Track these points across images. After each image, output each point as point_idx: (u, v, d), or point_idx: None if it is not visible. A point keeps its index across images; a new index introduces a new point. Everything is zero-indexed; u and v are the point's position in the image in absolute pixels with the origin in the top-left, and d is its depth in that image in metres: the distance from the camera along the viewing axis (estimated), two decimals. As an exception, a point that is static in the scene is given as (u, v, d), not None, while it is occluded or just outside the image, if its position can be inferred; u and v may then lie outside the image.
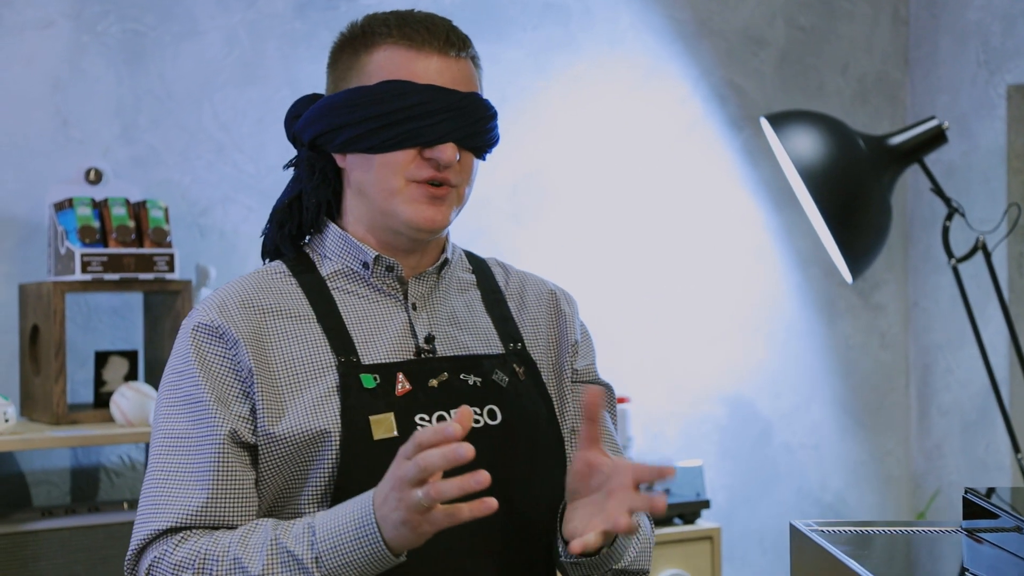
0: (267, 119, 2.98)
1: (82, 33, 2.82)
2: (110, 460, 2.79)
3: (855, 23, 3.73)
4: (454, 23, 1.56)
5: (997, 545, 1.51)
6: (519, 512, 1.50)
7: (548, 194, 3.32)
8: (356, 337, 1.51)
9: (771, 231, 3.60)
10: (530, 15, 3.31)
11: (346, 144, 1.51)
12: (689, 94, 3.49)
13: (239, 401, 1.46)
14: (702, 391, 3.50)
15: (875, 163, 2.95)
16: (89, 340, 2.76)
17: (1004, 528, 1.51)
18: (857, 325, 3.73)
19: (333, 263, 1.55)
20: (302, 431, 1.45)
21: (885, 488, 3.74)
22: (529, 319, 1.62)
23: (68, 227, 2.52)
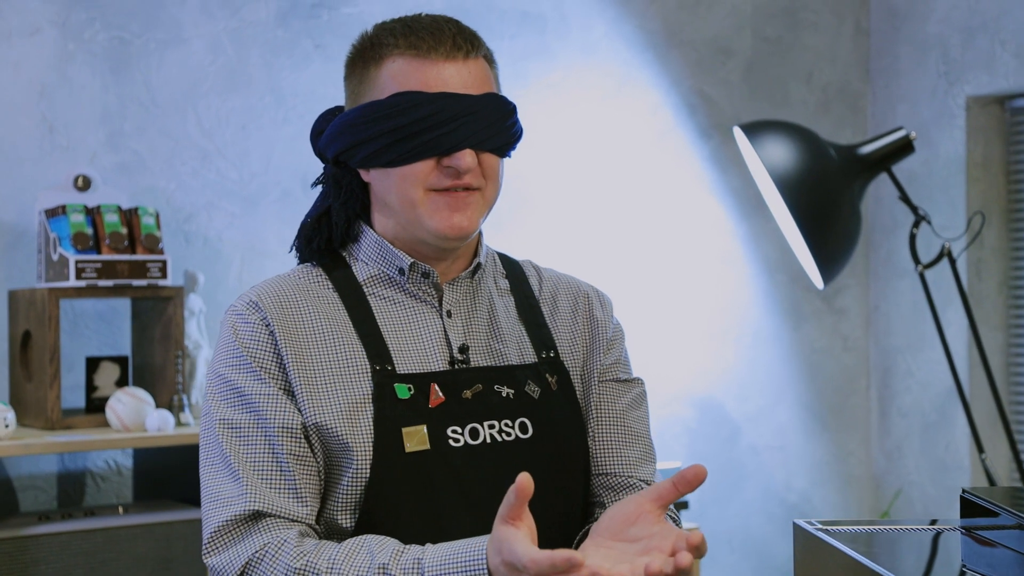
0: (250, 126, 3.00)
1: (68, 40, 2.83)
2: (97, 465, 2.80)
3: (819, 34, 3.82)
4: (461, 23, 1.55)
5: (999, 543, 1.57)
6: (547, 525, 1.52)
7: (524, 200, 3.37)
8: (391, 345, 1.52)
9: (739, 238, 3.68)
10: (507, 24, 3.36)
11: (366, 160, 1.52)
12: (660, 103, 3.56)
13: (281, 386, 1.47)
14: (672, 394, 3.57)
15: (846, 172, 3.04)
16: (77, 346, 2.77)
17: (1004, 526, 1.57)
18: (821, 329, 3.82)
19: (369, 268, 1.56)
20: (336, 434, 1.47)
21: (847, 488, 3.84)
22: (562, 324, 1.63)
23: (61, 234, 2.53)
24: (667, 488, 1.36)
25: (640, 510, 1.37)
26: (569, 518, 1.57)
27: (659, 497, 1.36)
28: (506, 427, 1.53)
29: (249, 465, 1.45)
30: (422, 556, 1.38)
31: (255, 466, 1.46)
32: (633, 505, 1.38)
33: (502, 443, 1.52)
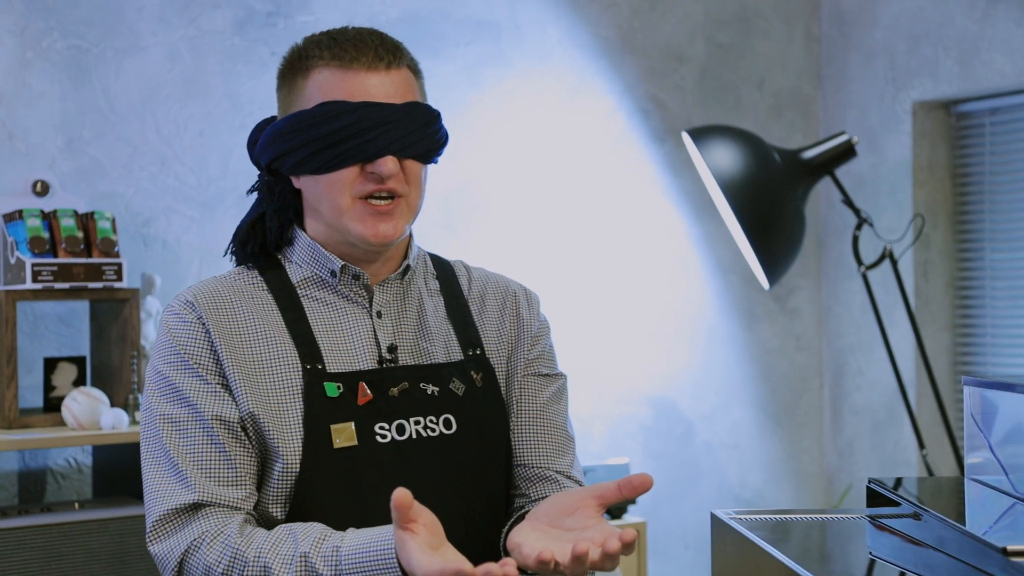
0: (208, 132, 3.07)
1: (27, 49, 2.90)
2: (57, 463, 2.87)
3: (770, 41, 3.90)
4: (387, 35, 1.60)
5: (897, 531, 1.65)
6: (470, 517, 1.58)
7: (480, 204, 3.45)
8: (323, 345, 1.58)
9: (693, 240, 3.76)
10: (462, 31, 3.44)
11: (295, 167, 1.58)
12: (614, 108, 3.64)
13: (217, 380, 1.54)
14: (627, 393, 3.65)
15: (789, 176, 3.12)
16: (36, 347, 2.84)
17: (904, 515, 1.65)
18: (774, 329, 3.91)
19: (302, 270, 1.62)
20: (267, 428, 1.53)
21: (800, 484, 3.92)
22: (490, 323, 1.70)
23: (18, 238, 2.60)
24: (611, 489, 1.43)
25: (580, 503, 1.44)
26: (492, 509, 1.64)
27: (600, 496, 1.44)
28: (431, 423, 1.59)
29: (188, 457, 1.52)
30: (340, 544, 1.44)
31: (194, 457, 1.52)
32: (575, 498, 1.45)
33: (427, 439, 1.59)
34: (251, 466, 1.54)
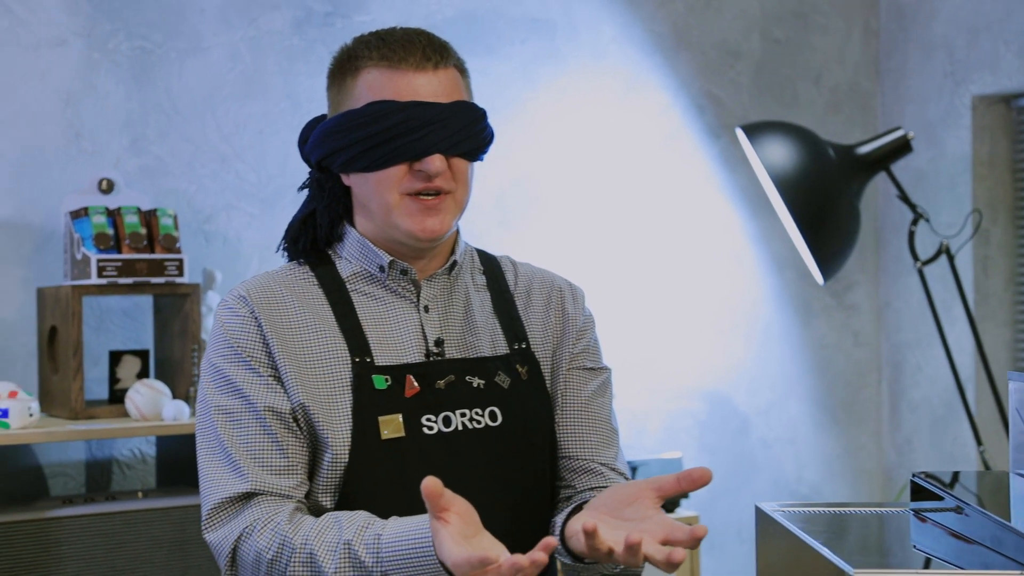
0: (267, 131, 3.14)
1: (93, 50, 2.98)
2: (122, 453, 2.95)
3: (828, 36, 3.89)
4: (434, 35, 1.64)
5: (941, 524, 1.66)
6: (515, 507, 1.62)
7: (534, 200, 3.48)
8: (371, 338, 1.62)
9: (749, 235, 3.76)
10: (518, 30, 3.47)
11: (345, 165, 1.62)
12: (669, 104, 3.65)
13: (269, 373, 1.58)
14: (682, 388, 3.66)
15: (844, 171, 3.12)
16: (102, 340, 2.92)
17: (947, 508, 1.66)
18: (831, 325, 3.90)
19: (352, 265, 1.67)
20: (317, 419, 1.58)
21: (858, 480, 3.92)
22: (535, 317, 1.72)
23: (84, 234, 2.68)
24: (670, 482, 1.46)
25: (639, 495, 1.47)
26: (537, 500, 1.67)
27: (659, 488, 1.46)
28: (477, 415, 1.63)
29: (241, 447, 1.57)
30: (382, 532, 1.48)
31: (247, 447, 1.57)
32: (633, 489, 1.48)
33: (473, 430, 1.63)
34: (302, 455, 1.59)
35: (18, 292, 2.87)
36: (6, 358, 2.85)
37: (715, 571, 3.68)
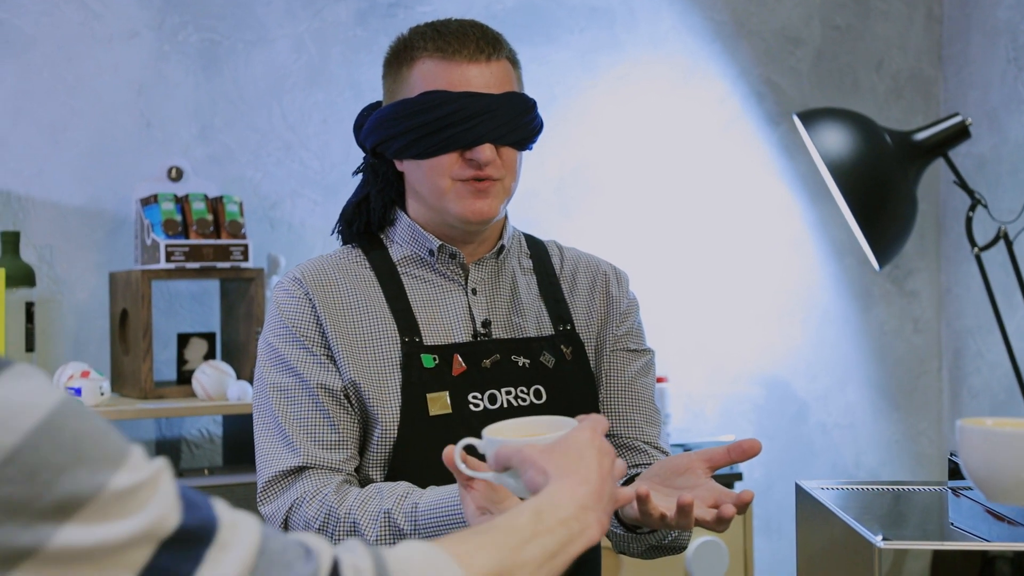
0: (331, 120, 3.22)
1: (163, 42, 3.08)
2: (190, 433, 3.05)
3: (890, 22, 3.89)
4: (488, 27, 1.70)
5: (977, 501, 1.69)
6: None
7: (594, 187, 3.53)
8: (420, 319, 1.69)
9: (808, 222, 3.78)
10: (577, 18, 3.52)
11: (399, 152, 1.68)
12: (728, 92, 3.68)
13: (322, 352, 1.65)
14: (740, 373, 3.69)
15: (901, 158, 3.13)
16: (171, 323, 3.03)
17: (983, 486, 1.69)
18: (891, 311, 3.90)
19: (403, 249, 1.73)
20: (368, 396, 1.65)
21: (917, 465, 3.92)
22: (580, 300, 1.78)
23: (153, 220, 2.78)
24: (720, 453, 1.52)
25: (690, 465, 1.54)
26: None
27: (710, 459, 1.53)
28: (522, 393, 1.69)
29: (295, 423, 1.64)
30: (419, 501, 1.55)
31: (300, 423, 1.65)
32: (684, 459, 1.54)
33: (518, 408, 1.69)
34: (353, 431, 1.65)
35: (91, 276, 2.98)
36: (80, 340, 2.97)
37: (771, 554, 3.71)
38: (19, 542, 0.77)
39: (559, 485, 1.11)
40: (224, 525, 0.85)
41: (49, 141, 2.97)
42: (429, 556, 0.94)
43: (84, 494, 0.79)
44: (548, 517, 1.06)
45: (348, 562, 0.90)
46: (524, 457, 1.18)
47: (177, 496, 0.84)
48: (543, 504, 1.07)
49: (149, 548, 0.81)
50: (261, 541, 0.86)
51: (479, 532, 1.01)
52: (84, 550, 0.79)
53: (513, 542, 1.01)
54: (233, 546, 0.84)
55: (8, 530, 0.77)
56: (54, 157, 2.97)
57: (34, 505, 0.78)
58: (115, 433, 0.83)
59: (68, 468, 0.79)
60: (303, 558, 0.88)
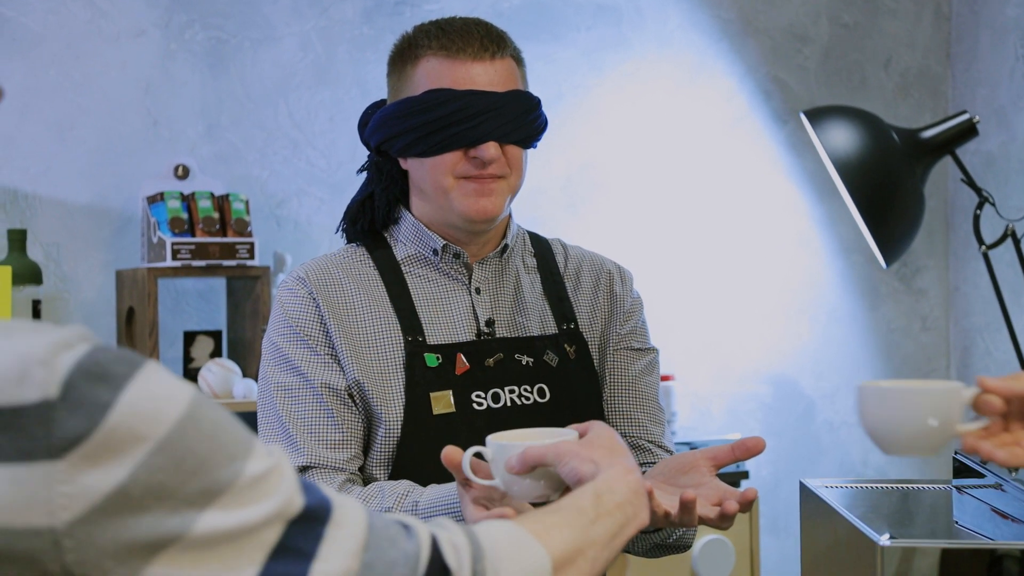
0: (338, 118, 3.22)
1: (170, 41, 3.08)
2: (197, 431, 3.06)
3: (898, 19, 3.88)
4: (492, 25, 1.69)
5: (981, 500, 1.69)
6: None
7: (600, 185, 3.53)
8: (424, 319, 1.68)
9: (815, 220, 3.77)
10: (584, 17, 3.52)
11: (403, 150, 1.68)
12: (735, 90, 3.68)
13: (326, 351, 1.65)
14: (747, 371, 3.69)
15: (908, 155, 3.12)
16: (178, 321, 3.03)
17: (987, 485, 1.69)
18: (899, 309, 3.89)
19: (407, 248, 1.73)
20: (371, 396, 1.64)
21: (924, 464, 3.91)
22: (584, 298, 1.78)
23: (160, 218, 2.78)
24: (724, 451, 1.52)
25: (694, 463, 1.54)
26: None
27: (714, 457, 1.53)
28: (525, 392, 1.69)
29: (299, 422, 1.64)
30: (420, 499, 1.55)
31: (304, 422, 1.64)
32: (689, 457, 1.54)
33: (522, 406, 1.69)
34: (357, 430, 1.65)
35: (98, 274, 2.99)
36: (87, 337, 2.97)
37: (778, 553, 3.70)
38: (166, 527, 0.82)
39: (611, 472, 1.16)
40: (336, 505, 0.91)
41: (56, 139, 2.98)
42: (512, 533, 0.99)
43: (224, 481, 0.85)
44: (607, 500, 1.11)
45: (445, 538, 0.95)
46: (563, 451, 1.23)
47: (297, 480, 0.90)
48: (601, 488, 1.12)
49: (279, 528, 0.87)
50: (368, 519, 0.92)
51: (551, 512, 1.06)
52: (224, 534, 0.84)
53: (583, 521, 1.06)
54: (347, 523, 0.90)
55: (157, 516, 0.82)
56: (61, 155, 2.98)
57: (180, 492, 0.83)
58: (240, 422, 0.89)
59: (210, 456, 0.84)
60: (404, 534, 0.93)
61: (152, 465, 0.82)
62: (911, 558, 1.52)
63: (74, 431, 0.80)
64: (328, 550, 0.88)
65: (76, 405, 0.80)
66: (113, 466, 0.81)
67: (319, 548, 0.88)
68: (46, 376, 0.80)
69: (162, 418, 0.83)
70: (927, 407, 1.25)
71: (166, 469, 0.82)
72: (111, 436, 0.81)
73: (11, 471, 0.79)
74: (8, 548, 0.79)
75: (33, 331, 0.83)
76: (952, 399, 1.26)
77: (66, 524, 0.80)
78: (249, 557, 0.85)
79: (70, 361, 0.81)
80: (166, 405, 0.83)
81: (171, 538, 0.82)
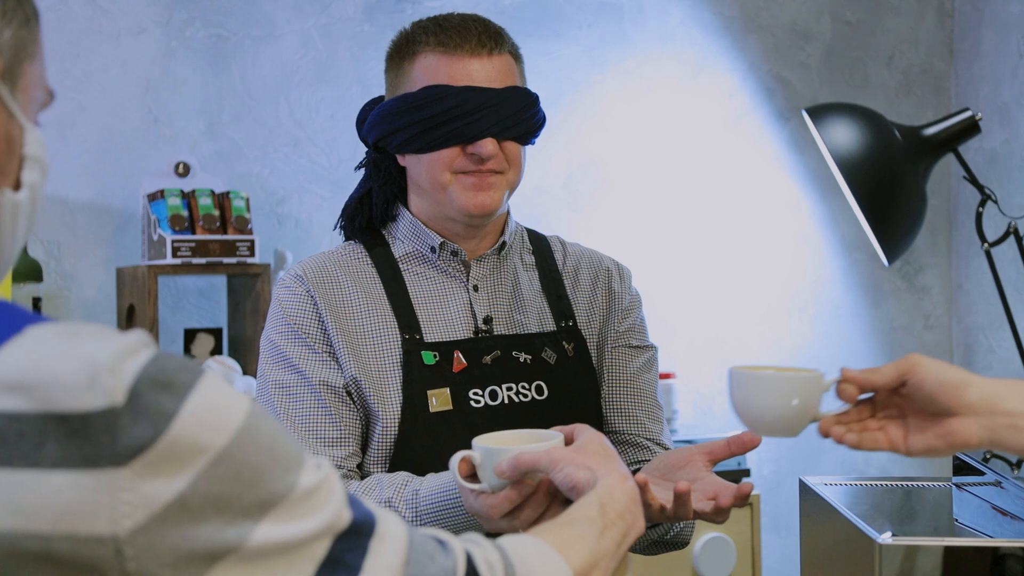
0: (339, 115, 3.22)
1: (171, 38, 3.08)
2: (197, 428, 3.05)
3: (901, 17, 3.87)
4: (490, 21, 1.69)
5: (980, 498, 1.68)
6: None
7: (602, 182, 3.52)
8: (421, 316, 1.68)
9: (817, 217, 3.76)
10: (585, 14, 3.51)
11: (400, 146, 1.68)
12: (737, 87, 3.67)
13: (324, 349, 1.65)
14: (749, 369, 3.67)
15: (910, 153, 3.11)
16: (178, 318, 3.03)
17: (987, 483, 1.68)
18: (902, 307, 3.89)
19: (405, 246, 1.73)
20: (369, 394, 1.64)
21: (927, 461, 3.90)
22: (582, 296, 1.78)
23: (160, 216, 2.78)
24: (720, 446, 1.53)
25: (690, 459, 1.54)
26: None
27: (710, 452, 1.54)
28: (523, 389, 1.68)
29: (296, 419, 1.64)
30: (419, 488, 1.55)
31: (302, 419, 1.64)
32: (685, 453, 1.55)
33: (520, 403, 1.68)
34: (355, 427, 1.65)
35: (99, 272, 2.99)
36: (88, 335, 2.97)
37: (780, 551, 3.70)
38: (223, 538, 0.82)
39: (609, 480, 1.17)
40: (379, 520, 0.92)
41: (57, 137, 2.97)
42: (539, 548, 1.01)
43: (280, 493, 0.85)
44: (610, 510, 1.12)
45: (479, 555, 0.96)
46: (557, 458, 1.24)
47: (344, 494, 0.91)
48: (604, 497, 1.14)
49: (327, 541, 0.87)
50: (408, 534, 0.93)
51: (565, 524, 1.08)
52: (278, 546, 0.84)
53: (594, 533, 1.08)
54: (389, 538, 0.91)
55: (215, 526, 0.82)
56: (61, 153, 2.98)
57: (238, 503, 0.83)
58: (291, 434, 0.90)
59: (267, 468, 0.84)
60: (441, 550, 0.94)
61: (212, 475, 0.82)
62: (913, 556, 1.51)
63: (139, 439, 0.80)
64: (373, 565, 0.88)
65: (141, 413, 0.80)
66: (175, 475, 0.81)
67: (364, 562, 0.88)
68: (113, 383, 0.80)
69: (223, 429, 0.83)
70: (790, 392, 1.33)
71: (225, 480, 0.83)
72: (174, 445, 0.81)
73: (76, 477, 0.79)
74: (72, 555, 0.79)
75: (99, 335, 0.82)
76: (813, 386, 1.35)
77: (128, 532, 0.80)
78: (300, 570, 0.85)
79: (135, 368, 0.81)
80: (227, 416, 0.83)
81: (228, 549, 0.83)
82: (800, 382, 1.34)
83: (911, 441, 1.34)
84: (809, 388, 1.34)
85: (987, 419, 1.29)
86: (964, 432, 1.29)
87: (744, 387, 1.34)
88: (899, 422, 1.36)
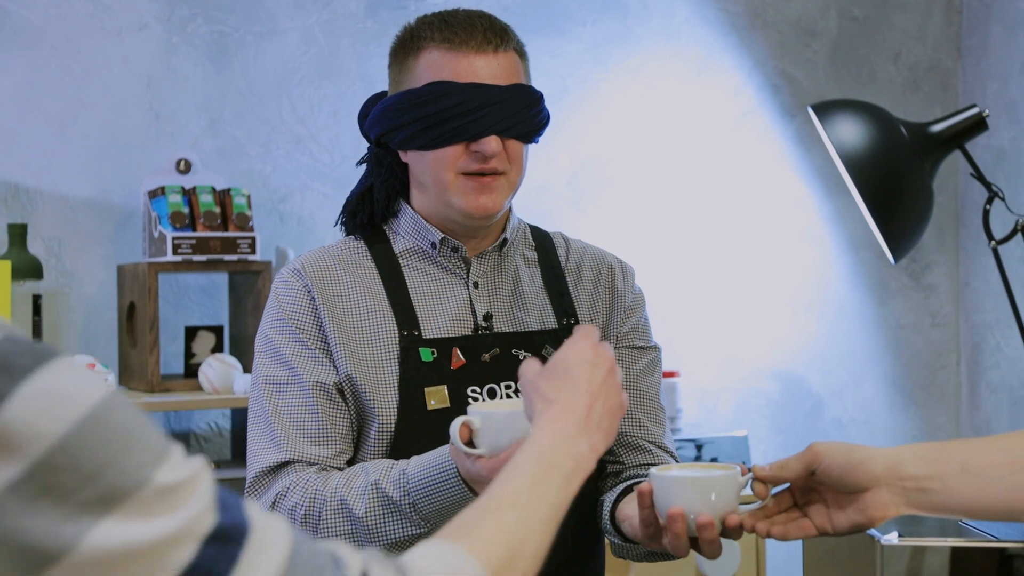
0: (341, 112, 3.20)
1: (173, 34, 3.07)
2: (199, 427, 3.04)
3: (908, 13, 3.85)
4: (495, 18, 1.67)
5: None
6: None
7: (606, 180, 3.50)
8: (420, 312, 1.67)
9: (823, 215, 3.74)
10: (589, 10, 3.49)
11: (403, 143, 1.67)
12: (742, 84, 3.65)
13: (318, 346, 1.64)
14: (754, 367, 3.66)
15: (916, 150, 3.09)
16: (179, 316, 3.01)
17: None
18: (908, 305, 3.86)
19: (405, 241, 1.71)
20: (365, 391, 1.63)
21: (934, 462, 3.88)
22: (584, 293, 1.76)
23: (161, 213, 2.77)
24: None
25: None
26: None
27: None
28: None
29: (284, 417, 1.62)
30: (406, 468, 1.53)
31: (290, 417, 1.62)
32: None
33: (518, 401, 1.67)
34: (344, 427, 1.63)
35: (100, 269, 2.98)
36: (88, 333, 2.96)
37: (784, 552, 3.68)
38: (59, 534, 0.76)
39: (541, 423, 1.14)
40: (257, 527, 0.84)
41: (57, 133, 2.96)
42: (445, 557, 0.95)
43: (127, 488, 0.78)
44: (542, 465, 1.08)
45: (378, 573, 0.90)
46: (526, 380, 1.22)
47: (214, 496, 0.84)
48: (532, 452, 1.10)
49: (192, 547, 0.80)
50: (293, 545, 0.86)
51: (483, 513, 1.02)
52: (126, 547, 0.78)
53: (520, 515, 1.02)
54: (266, 548, 0.84)
55: (51, 519, 0.76)
56: (62, 149, 2.97)
57: (77, 496, 0.77)
58: (158, 429, 0.83)
59: (113, 460, 0.78)
60: (333, 566, 0.88)
61: (49, 464, 0.76)
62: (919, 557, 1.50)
63: None
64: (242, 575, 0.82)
65: None
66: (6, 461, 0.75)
67: (232, 571, 0.81)
68: None
69: (63, 416, 0.77)
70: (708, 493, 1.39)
71: (64, 470, 0.77)
72: (5, 430, 0.75)
73: None
74: None
75: None
76: (728, 485, 1.40)
77: None
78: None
79: None
80: (68, 404, 0.78)
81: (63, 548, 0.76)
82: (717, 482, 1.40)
83: (835, 521, 1.38)
84: (726, 487, 1.40)
85: (896, 487, 1.34)
86: (879, 504, 1.34)
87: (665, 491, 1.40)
88: (820, 505, 1.40)
